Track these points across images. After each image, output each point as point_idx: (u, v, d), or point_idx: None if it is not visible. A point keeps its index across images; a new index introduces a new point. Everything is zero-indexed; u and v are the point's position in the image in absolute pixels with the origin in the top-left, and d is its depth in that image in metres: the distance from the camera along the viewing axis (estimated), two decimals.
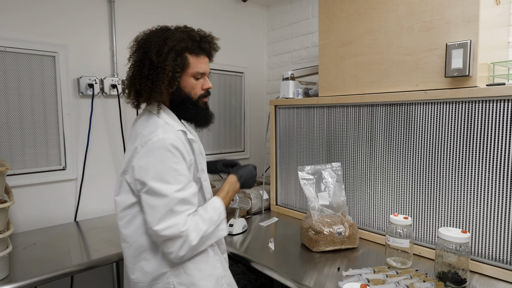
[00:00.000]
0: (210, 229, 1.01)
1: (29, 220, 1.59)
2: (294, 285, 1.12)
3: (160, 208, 0.95)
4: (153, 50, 1.01)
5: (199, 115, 1.12)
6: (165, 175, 0.95)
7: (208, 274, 1.07)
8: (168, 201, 0.94)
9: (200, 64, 1.08)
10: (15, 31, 1.52)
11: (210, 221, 1.01)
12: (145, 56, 1.03)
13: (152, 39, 1.03)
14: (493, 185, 1.10)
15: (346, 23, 1.49)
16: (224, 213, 1.08)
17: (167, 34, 1.03)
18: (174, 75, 1.02)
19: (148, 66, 1.02)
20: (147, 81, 1.02)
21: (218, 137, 2.38)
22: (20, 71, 1.54)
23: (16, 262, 1.23)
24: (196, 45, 1.05)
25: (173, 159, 0.97)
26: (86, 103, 1.74)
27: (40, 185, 1.62)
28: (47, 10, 1.60)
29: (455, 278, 1.06)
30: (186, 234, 0.95)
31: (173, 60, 1.01)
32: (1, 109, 1.50)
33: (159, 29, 1.07)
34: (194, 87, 1.09)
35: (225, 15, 2.33)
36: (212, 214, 1.03)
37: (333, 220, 1.37)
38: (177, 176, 0.96)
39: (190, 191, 0.99)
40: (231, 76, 2.42)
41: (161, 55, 1.01)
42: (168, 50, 1.00)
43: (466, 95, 1.13)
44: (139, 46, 1.05)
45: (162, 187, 0.95)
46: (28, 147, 1.58)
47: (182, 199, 0.96)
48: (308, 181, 1.46)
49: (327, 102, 1.57)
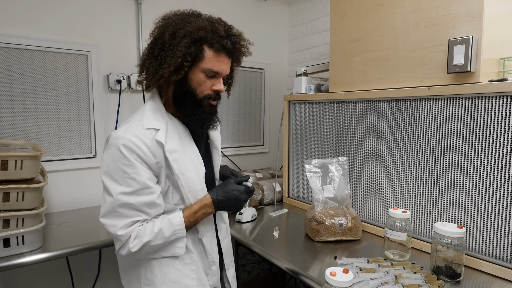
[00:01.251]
0: (156, 242, 0.94)
1: (63, 202, 1.79)
2: (288, 266, 1.20)
3: (106, 204, 0.93)
4: (169, 31, 0.94)
5: (194, 114, 1.00)
6: (115, 174, 0.92)
7: (172, 280, 1.00)
8: (113, 201, 0.91)
9: (217, 62, 0.97)
10: (53, 33, 1.70)
11: (158, 235, 0.94)
12: (161, 36, 0.96)
13: (174, 19, 0.97)
14: (495, 182, 1.10)
15: (355, 20, 1.52)
16: (182, 231, 0.98)
17: (190, 19, 0.96)
18: (183, 63, 0.94)
19: (160, 46, 0.96)
20: (155, 62, 0.96)
21: (238, 131, 2.48)
22: (57, 68, 1.73)
23: (50, 236, 1.41)
24: (217, 40, 0.95)
25: (123, 160, 0.91)
26: (115, 97, 1.91)
27: (73, 170, 1.81)
28: (80, 13, 1.78)
29: (449, 272, 1.08)
30: (124, 239, 0.92)
31: (186, 46, 0.92)
32: (41, 103, 1.70)
33: (189, 13, 1.01)
34: (201, 84, 0.98)
35: (246, 14, 2.41)
36: (165, 228, 0.95)
37: (336, 212, 1.41)
38: (126, 179, 0.91)
39: (141, 199, 0.92)
40: (252, 73, 2.50)
41: (175, 38, 0.93)
42: (184, 35, 0.92)
43: (468, 91, 1.13)
44: (161, 24, 0.99)
45: (110, 184, 0.92)
46: (64, 136, 1.77)
47: (127, 204, 0.92)
48: (314, 174, 1.51)
49: (336, 97, 1.61)
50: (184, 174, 0.98)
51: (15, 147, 1.34)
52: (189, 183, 0.99)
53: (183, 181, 0.98)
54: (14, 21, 1.61)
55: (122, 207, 0.92)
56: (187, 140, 1.03)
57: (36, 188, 1.20)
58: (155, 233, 0.94)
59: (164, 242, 0.96)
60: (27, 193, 1.18)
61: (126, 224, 0.93)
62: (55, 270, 1.76)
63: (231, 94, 1.17)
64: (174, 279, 1.00)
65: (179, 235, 0.97)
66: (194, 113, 1.00)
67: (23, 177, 1.19)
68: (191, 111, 1.00)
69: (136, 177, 0.92)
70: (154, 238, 0.94)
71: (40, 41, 1.66)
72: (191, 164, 1.00)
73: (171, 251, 0.99)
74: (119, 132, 0.94)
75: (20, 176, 1.18)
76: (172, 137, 0.98)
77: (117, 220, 0.92)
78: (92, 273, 1.89)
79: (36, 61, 1.67)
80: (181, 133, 1.02)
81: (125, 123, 1.00)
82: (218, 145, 1.19)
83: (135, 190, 0.92)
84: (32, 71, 1.66)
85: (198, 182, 1.02)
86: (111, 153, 0.92)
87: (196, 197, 1.02)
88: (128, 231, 0.93)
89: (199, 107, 1.00)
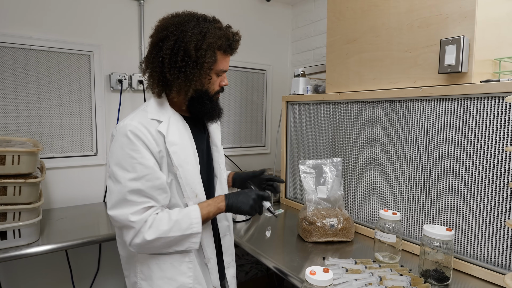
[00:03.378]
0: (173, 233, 0.95)
1: (64, 198, 1.84)
2: (275, 265, 1.20)
3: (114, 194, 0.94)
4: (191, 42, 0.97)
5: (214, 110, 1.10)
6: (123, 161, 0.94)
7: (169, 277, 1.01)
8: (121, 188, 0.93)
9: (225, 62, 1.07)
10: (57, 34, 1.76)
11: (175, 225, 0.95)
12: (178, 45, 0.98)
13: (186, 29, 0.99)
14: (486, 184, 1.07)
15: (352, 20, 1.51)
16: (199, 226, 0.98)
17: (204, 28, 0.99)
18: (209, 74, 1.02)
19: (182, 57, 0.97)
20: (179, 74, 0.98)
21: (239, 132, 2.50)
22: (61, 68, 1.78)
23: (48, 230, 1.46)
24: (228, 45, 1.04)
25: (130, 146, 0.94)
26: (116, 97, 1.95)
27: (75, 168, 1.86)
28: (84, 14, 1.83)
29: (437, 275, 1.06)
30: (139, 226, 0.93)
31: (210, 57, 0.99)
32: (45, 101, 1.75)
33: (189, 16, 1.03)
34: (213, 83, 1.07)
35: (249, 15, 2.43)
36: (182, 219, 0.97)
37: (328, 213, 1.41)
38: (134, 164, 0.94)
39: (150, 184, 0.94)
40: (254, 74, 2.52)
41: (199, 50, 0.97)
42: (207, 47, 0.98)
43: (459, 91, 1.11)
44: (169, 32, 0.99)
45: (119, 172, 0.94)
46: (66, 134, 1.82)
47: (136, 190, 0.93)
48: (308, 175, 1.51)
49: (332, 98, 1.61)
50: (183, 166, 1.01)
51: (16, 143, 1.39)
52: (187, 175, 1.02)
53: (182, 173, 1.01)
54: (19, 22, 1.67)
55: (132, 194, 0.93)
56: (186, 135, 1.06)
57: (33, 183, 1.24)
58: (173, 222, 0.95)
59: (180, 235, 0.96)
60: (24, 187, 1.22)
61: (138, 211, 0.93)
62: (55, 265, 1.81)
63: (233, 95, 1.26)
64: (170, 276, 1.01)
65: (195, 229, 0.98)
66: (212, 108, 1.09)
67: (20, 172, 1.23)
68: (210, 108, 1.08)
69: (144, 162, 0.94)
70: (171, 228, 0.94)
71: (44, 41, 1.72)
72: (189, 158, 1.03)
73: (185, 244, 0.99)
74: (126, 120, 0.98)
75: (17, 171, 1.22)
76: (173, 130, 1.03)
77: (127, 208, 0.93)
78: (92, 269, 1.93)
79: (40, 61, 1.72)
80: (181, 128, 1.06)
81: (130, 114, 1.05)
82: (218, 142, 1.21)
83: (144, 175, 0.94)
84: (36, 70, 1.71)
85: (195, 176, 1.04)
86: (119, 141, 0.96)
87: (193, 191, 1.04)
88: (142, 217, 0.93)
89: (212, 103, 1.10)
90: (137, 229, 0.93)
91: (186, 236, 0.97)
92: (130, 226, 0.93)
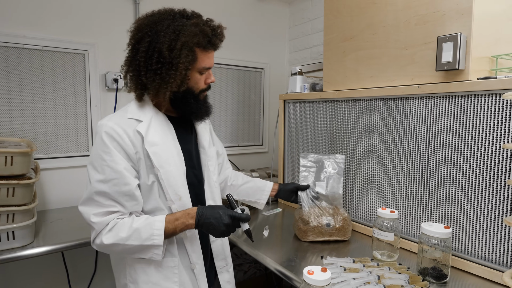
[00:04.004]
0: (132, 241, 0.92)
1: (59, 199, 1.82)
2: (273, 265, 1.19)
3: (86, 192, 0.95)
4: (164, 43, 0.93)
5: (199, 109, 1.06)
6: (95, 161, 0.94)
7: (154, 282, 0.99)
8: (90, 188, 0.93)
9: (207, 59, 1.02)
10: (51, 32, 1.74)
11: (135, 233, 0.92)
12: (153, 47, 0.95)
13: (160, 28, 0.95)
14: (483, 181, 1.07)
15: (349, 18, 1.50)
16: (160, 238, 0.93)
17: (178, 26, 0.95)
18: (186, 73, 0.97)
19: (157, 59, 0.94)
20: (155, 76, 0.96)
21: (236, 131, 2.49)
22: (55, 67, 1.76)
23: (43, 232, 1.44)
24: (207, 41, 0.99)
25: (103, 147, 0.93)
26: (111, 96, 1.93)
27: (70, 168, 1.84)
28: (78, 13, 1.81)
29: (436, 273, 1.05)
30: (98, 228, 0.92)
31: (186, 56, 0.95)
32: (39, 101, 1.73)
33: (164, 14, 0.99)
34: (197, 82, 1.03)
35: (246, 13, 2.42)
36: (143, 228, 0.93)
37: (324, 212, 1.39)
38: (103, 166, 0.93)
39: (117, 189, 0.92)
40: (251, 72, 2.50)
41: (173, 50, 0.94)
42: (182, 46, 0.93)
43: (456, 89, 1.11)
44: (144, 33, 0.96)
45: (90, 171, 0.95)
46: (61, 134, 1.80)
47: (102, 192, 0.92)
48: (308, 168, 1.48)
49: (329, 96, 1.60)
50: (164, 167, 0.98)
51: (9, 144, 1.37)
52: (169, 177, 0.99)
53: (163, 174, 0.98)
54: (12, 20, 1.65)
55: (98, 195, 0.92)
56: (170, 136, 1.04)
57: (26, 184, 1.23)
58: (133, 230, 0.92)
59: (139, 244, 0.92)
60: (17, 189, 1.21)
61: (100, 213, 0.93)
62: (51, 267, 1.79)
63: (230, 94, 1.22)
64: (155, 281, 1.00)
65: (156, 242, 0.92)
66: (198, 108, 1.05)
67: (13, 173, 1.21)
68: (195, 107, 1.05)
69: (113, 165, 0.92)
70: (129, 236, 0.92)
71: (38, 40, 1.70)
72: (172, 159, 1.01)
73: (148, 254, 0.95)
74: (103, 120, 0.98)
75: (11, 172, 1.20)
76: (154, 130, 1.00)
77: (92, 207, 0.93)
78: (89, 270, 1.91)
79: (33, 60, 1.70)
80: (165, 128, 1.04)
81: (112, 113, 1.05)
82: (205, 144, 1.16)
83: (111, 179, 0.92)
84: (29, 70, 1.69)
85: (178, 178, 1.01)
86: (96, 140, 0.96)
87: (176, 193, 1.00)
88: (103, 220, 0.92)
89: (198, 101, 1.06)
90: (97, 231, 0.93)
91: (146, 246, 0.93)
92: (91, 226, 0.94)
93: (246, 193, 1.40)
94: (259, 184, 1.41)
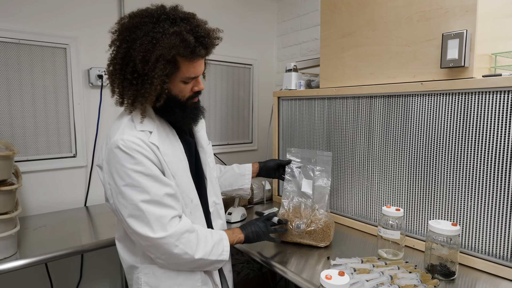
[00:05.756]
0: (212, 257, 0.99)
1: (41, 204, 1.69)
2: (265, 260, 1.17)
3: (132, 217, 0.91)
4: (138, 54, 0.86)
5: (185, 118, 1.01)
6: (125, 179, 0.89)
7: (178, 284, 1.00)
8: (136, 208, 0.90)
9: (193, 68, 0.94)
10: (28, 24, 1.60)
11: (214, 248, 1.00)
12: (128, 55, 0.88)
13: (138, 35, 0.87)
14: (487, 178, 1.08)
15: (347, 13, 1.48)
16: (227, 254, 1.03)
17: (156, 34, 0.86)
18: (163, 87, 0.90)
19: (132, 69, 0.88)
20: (130, 86, 0.91)
21: (225, 128, 2.42)
22: (33, 62, 1.62)
23: (26, 241, 1.32)
24: (190, 51, 0.89)
25: (129, 160, 0.88)
26: (96, 93, 1.82)
27: (52, 171, 1.71)
28: (58, 3, 1.68)
29: (443, 270, 1.06)
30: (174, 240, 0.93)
31: (162, 70, 0.87)
32: (16, 99, 1.59)
33: (147, 16, 0.89)
34: (182, 91, 0.97)
35: (233, 8, 2.35)
36: (216, 244, 1.01)
37: (301, 213, 1.33)
38: (139, 179, 0.89)
39: (162, 192, 0.92)
40: (240, 68, 2.44)
41: (148, 63, 0.86)
42: (157, 59, 0.86)
43: (461, 86, 1.11)
44: (123, 37, 0.90)
45: (127, 193, 0.89)
46: (41, 135, 1.67)
47: (152, 202, 0.91)
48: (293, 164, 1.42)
49: (327, 93, 1.57)
50: (177, 174, 0.98)
51: None
52: (182, 183, 0.99)
53: (178, 181, 0.98)
54: None
55: (151, 207, 0.90)
56: (175, 142, 1.02)
57: (8, 190, 1.12)
58: (214, 244, 0.99)
59: (215, 259, 0.99)
60: None
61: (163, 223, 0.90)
62: (34, 278, 1.67)
63: (219, 91, 1.18)
64: (180, 282, 1.01)
65: (224, 256, 1.02)
66: (183, 117, 1.00)
67: None
68: (181, 116, 1.00)
69: (149, 173, 0.90)
70: (212, 250, 0.98)
71: (14, 33, 1.56)
72: (181, 165, 1.01)
73: (211, 265, 1.02)
74: (115, 136, 0.90)
75: None
76: (163, 139, 0.98)
77: (152, 223, 0.90)
78: (74, 279, 1.80)
79: (9, 54, 1.56)
80: (170, 135, 1.02)
81: (115, 129, 0.94)
82: (204, 143, 1.17)
83: (153, 186, 0.90)
84: (5, 64, 1.55)
85: (189, 182, 1.02)
86: (114, 161, 0.90)
87: (188, 196, 1.01)
88: (176, 228, 0.92)
89: (185, 109, 1.00)
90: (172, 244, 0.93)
91: (217, 261, 1.01)
92: (160, 245, 0.92)
93: (228, 183, 1.41)
94: (238, 171, 1.42)
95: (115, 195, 0.91)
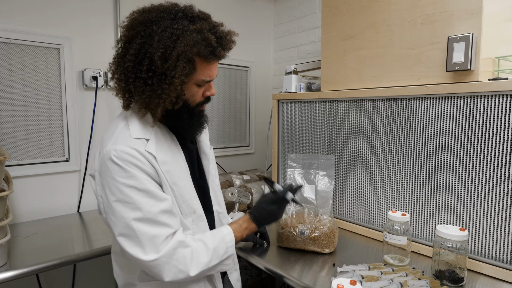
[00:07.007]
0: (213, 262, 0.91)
1: (32, 210, 1.62)
2: (267, 266, 1.13)
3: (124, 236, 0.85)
4: (158, 50, 0.79)
5: (192, 126, 0.95)
6: (116, 194, 0.83)
7: None
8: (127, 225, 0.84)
9: (209, 70, 0.89)
10: (20, 24, 1.54)
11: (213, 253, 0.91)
12: (144, 51, 0.81)
13: (156, 30, 0.81)
14: (494, 182, 1.07)
15: (349, 16, 1.46)
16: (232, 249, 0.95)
17: (177, 30, 0.80)
18: (182, 88, 0.84)
19: (147, 67, 0.81)
20: (144, 86, 0.83)
21: (222, 132, 2.39)
22: (25, 63, 1.56)
23: (16, 250, 1.26)
24: (210, 51, 0.84)
25: (121, 174, 0.82)
26: (90, 95, 1.76)
27: (44, 175, 1.65)
28: (52, 3, 1.62)
29: (452, 276, 1.04)
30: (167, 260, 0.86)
31: (182, 69, 0.81)
32: (6, 101, 1.53)
33: (164, 12, 0.84)
34: (194, 95, 0.91)
35: (230, 10, 2.32)
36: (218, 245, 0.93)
37: (305, 219, 1.30)
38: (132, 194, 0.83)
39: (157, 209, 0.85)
40: (237, 71, 2.41)
41: (167, 61, 0.80)
42: (178, 56, 0.80)
43: (467, 89, 1.10)
44: (136, 32, 0.82)
45: (118, 209, 0.83)
46: (32, 138, 1.61)
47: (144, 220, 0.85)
48: (296, 170, 1.40)
49: (328, 96, 1.55)
50: (177, 184, 0.91)
51: None
52: (183, 193, 0.92)
53: (177, 191, 0.91)
54: None
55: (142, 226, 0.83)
56: (176, 149, 0.95)
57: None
58: (211, 251, 0.90)
59: (218, 262, 0.92)
60: None
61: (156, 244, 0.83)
62: None
63: (216, 93, 1.12)
64: None
65: (230, 252, 0.95)
66: (190, 124, 0.94)
67: None
68: (187, 123, 0.93)
69: (143, 187, 0.83)
70: (210, 258, 0.90)
71: (5, 32, 1.50)
72: (182, 174, 0.94)
73: (218, 268, 0.95)
74: (107, 146, 0.84)
75: None
76: (162, 147, 0.90)
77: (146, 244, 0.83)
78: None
79: (0, 54, 1.50)
80: (169, 142, 0.95)
81: (108, 137, 0.88)
82: (206, 149, 1.11)
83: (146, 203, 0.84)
84: None
85: (191, 191, 0.96)
86: (105, 173, 0.83)
87: (191, 207, 0.94)
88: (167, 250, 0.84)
89: (193, 116, 0.94)
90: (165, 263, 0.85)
91: (222, 261, 0.94)
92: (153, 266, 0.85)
93: None
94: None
95: (107, 209, 0.85)
